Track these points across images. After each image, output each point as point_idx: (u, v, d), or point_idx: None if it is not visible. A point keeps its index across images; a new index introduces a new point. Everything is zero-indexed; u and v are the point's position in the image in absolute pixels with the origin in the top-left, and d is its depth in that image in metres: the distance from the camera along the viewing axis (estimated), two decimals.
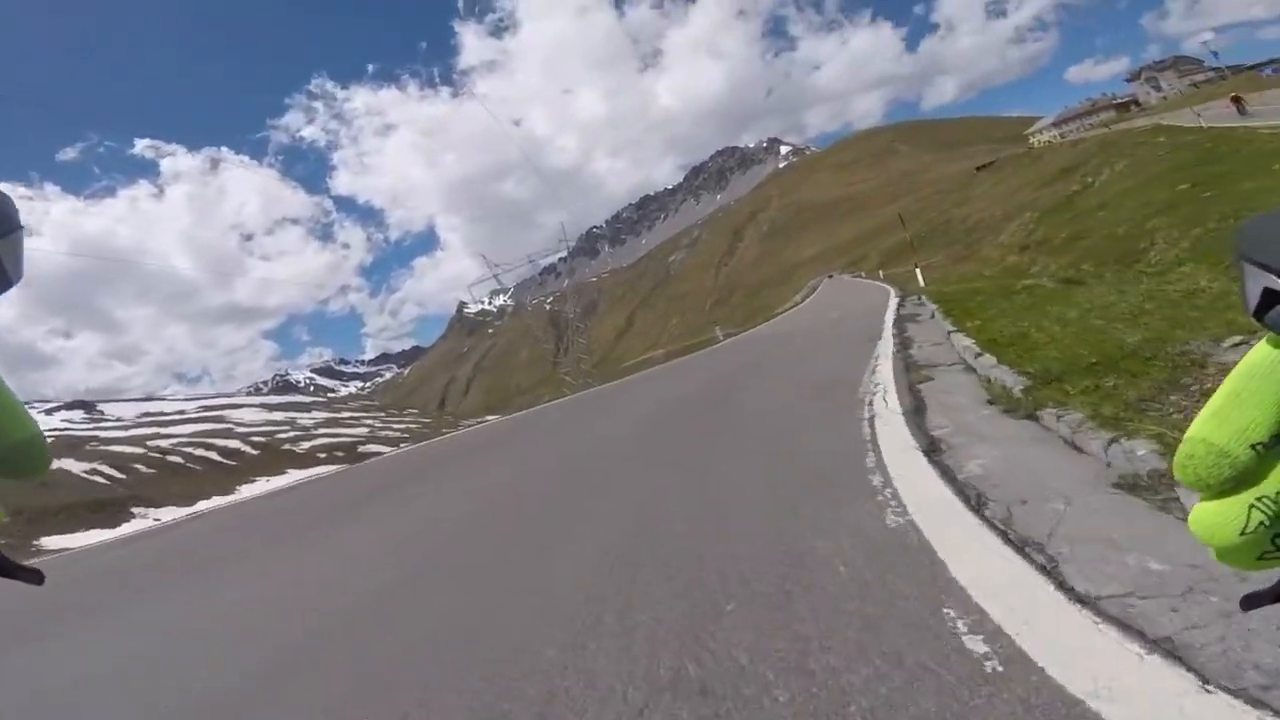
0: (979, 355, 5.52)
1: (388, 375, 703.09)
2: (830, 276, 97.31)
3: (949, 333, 7.65)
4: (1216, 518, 0.48)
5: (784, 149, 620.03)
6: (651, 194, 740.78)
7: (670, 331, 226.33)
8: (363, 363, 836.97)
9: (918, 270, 22.16)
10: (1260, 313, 0.50)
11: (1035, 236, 21.33)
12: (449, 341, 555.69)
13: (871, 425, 4.18)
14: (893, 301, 18.00)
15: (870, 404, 4.85)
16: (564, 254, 67.85)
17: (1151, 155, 22.32)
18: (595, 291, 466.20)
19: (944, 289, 15.50)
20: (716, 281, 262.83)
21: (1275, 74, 40.06)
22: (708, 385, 10.00)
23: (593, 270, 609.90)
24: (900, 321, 11.46)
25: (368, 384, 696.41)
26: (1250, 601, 0.66)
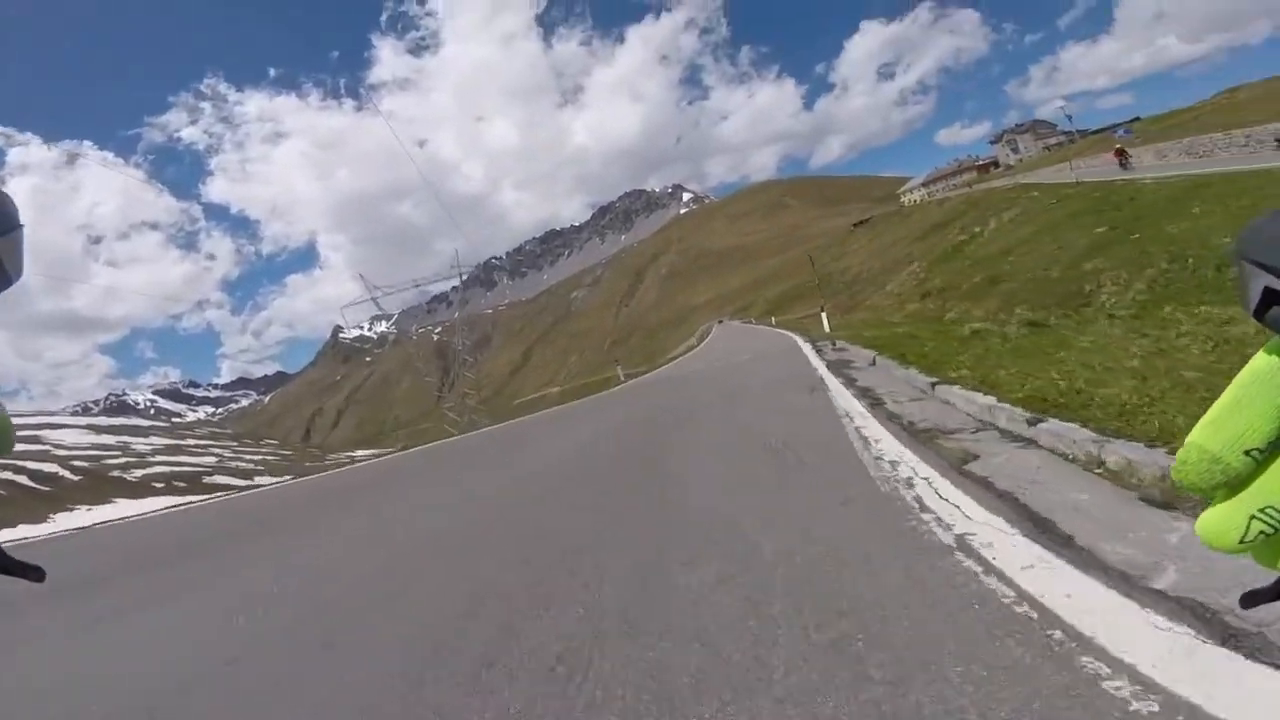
0: (1037, 423, 3.68)
1: (244, 402, 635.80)
2: (721, 321, 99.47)
3: (932, 384, 5.94)
4: (1218, 524, 0.50)
5: (686, 195, 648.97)
6: (557, 229, 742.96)
7: (569, 369, 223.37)
8: (216, 386, 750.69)
9: (824, 314, 21.54)
10: (1260, 313, 0.53)
11: (934, 284, 21.43)
12: (320, 369, 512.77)
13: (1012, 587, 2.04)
14: (804, 346, 16.92)
15: (931, 512, 2.76)
16: (457, 282, 63.52)
17: (1039, 206, 23.58)
18: (489, 324, 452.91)
19: (861, 333, 14.57)
20: (617, 321, 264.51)
21: (1128, 134, 44.54)
22: (622, 439, 7.71)
23: (488, 302, 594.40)
24: (837, 367, 9.92)
25: (220, 410, 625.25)
26: (1250, 599, 0.63)
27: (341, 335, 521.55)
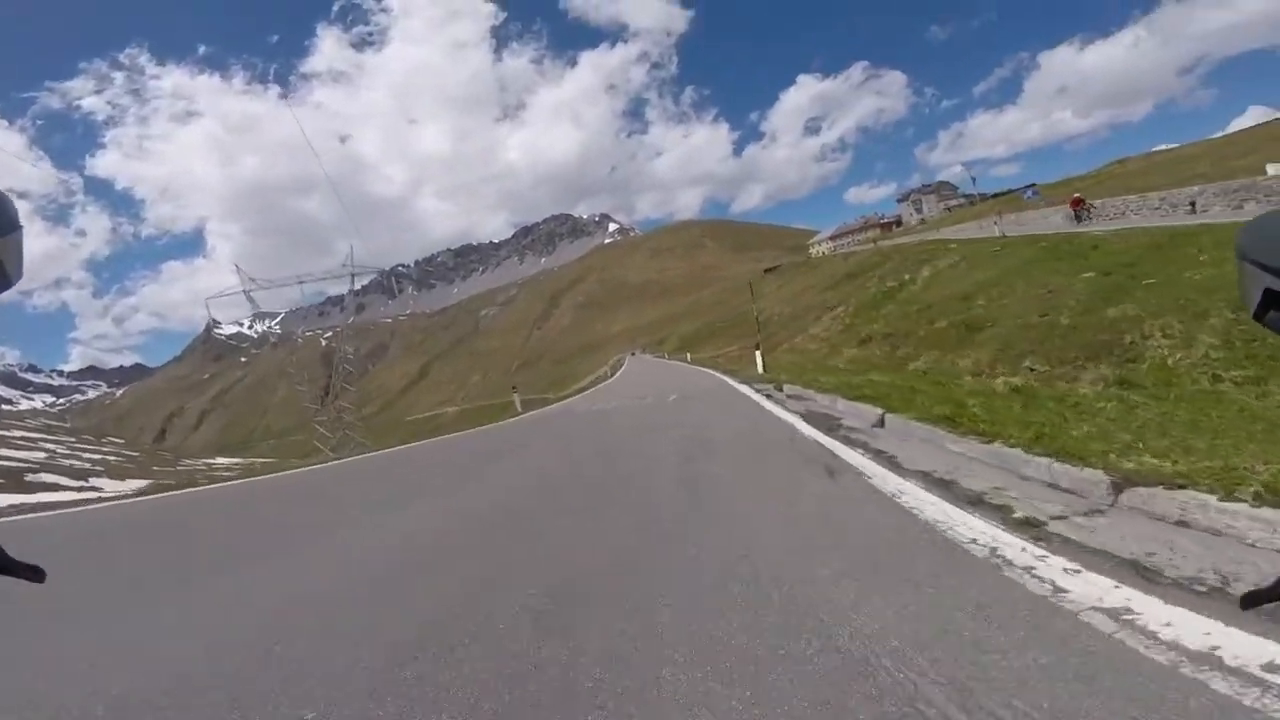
0: None
1: (92, 394, 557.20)
2: (634, 354, 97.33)
3: (1114, 486, 2.85)
4: None
5: (612, 225, 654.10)
6: (475, 244, 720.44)
7: (469, 389, 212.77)
8: (61, 374, 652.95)
9: (759, 353, 18.96)
10: (1261, 314, 0.55)
11: (873, 329, 19.55)
12: (186, 365, 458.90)
13: None
14: (741, 387, 14.04)
15: None
16: (355, 286, 56.01)
17: (981, 253, 22.59)
18: (388, 333, 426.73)
19: (804, 376, 11.92)
20: (527, 344, 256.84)
21: (1035, 196, 45.06)
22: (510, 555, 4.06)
23: (389, 311, 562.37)
24: (825, 425, 6.90)
25: (62, 400, 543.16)
26: (1250, 600, 0.65)
27: (217, 331, 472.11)
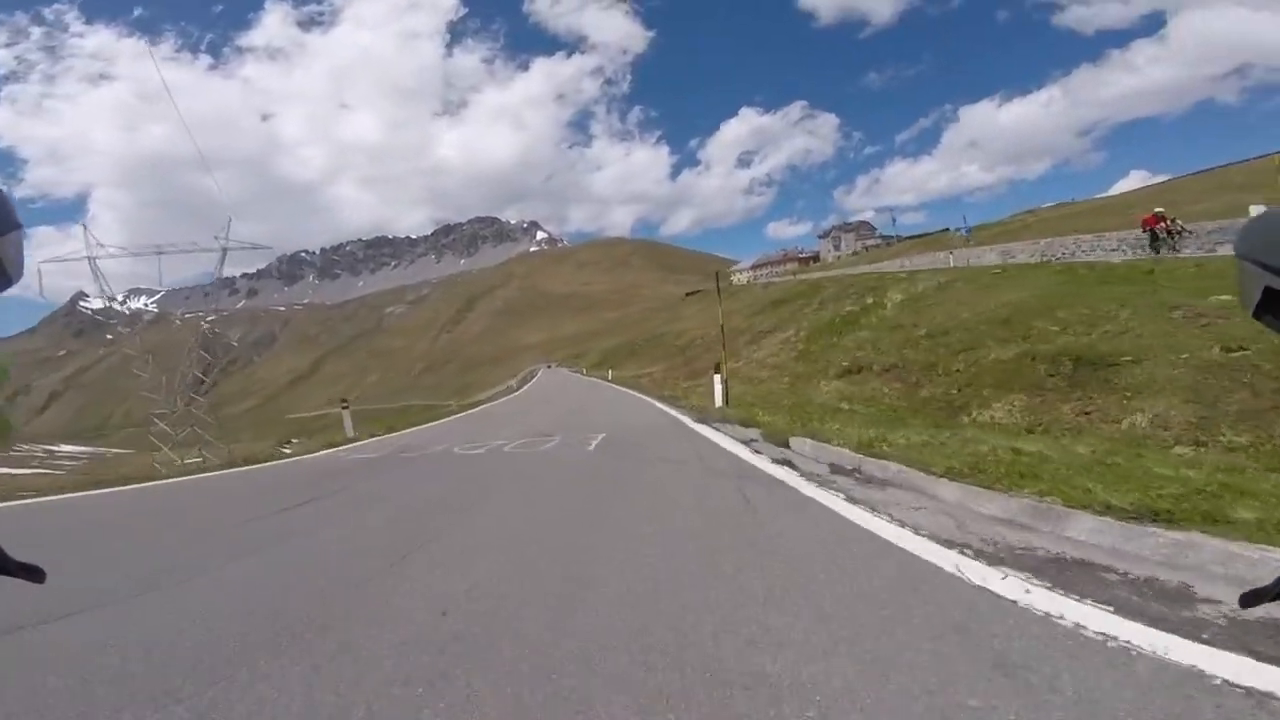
0: None
1: None
2: (549, 367, 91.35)
3: None
4: None
5: (540, 234, 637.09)
6: (390, 236, 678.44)
7: (364, 389, 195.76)
8: None
9: (717, 378, 13.58)
10: (1260, 312, 0.55)
11: (862, 357, 15.15)
12: (40, 338, 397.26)
13: None
14: (705, 431, 8.65)
15: None
16: (224, 265, 45.22)
17: (979, 275, 18.81)
18: (280, 322, 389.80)
19: (810, 423, 6.79)
20: (434, 346, 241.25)
21: (967, 233, 45.23)
22: None
23: (284, 298, 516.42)
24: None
25: None
26: (1250, 599, 0.67)
27: (82, 304, 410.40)
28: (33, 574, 0.64)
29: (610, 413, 14.66)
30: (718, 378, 13.46)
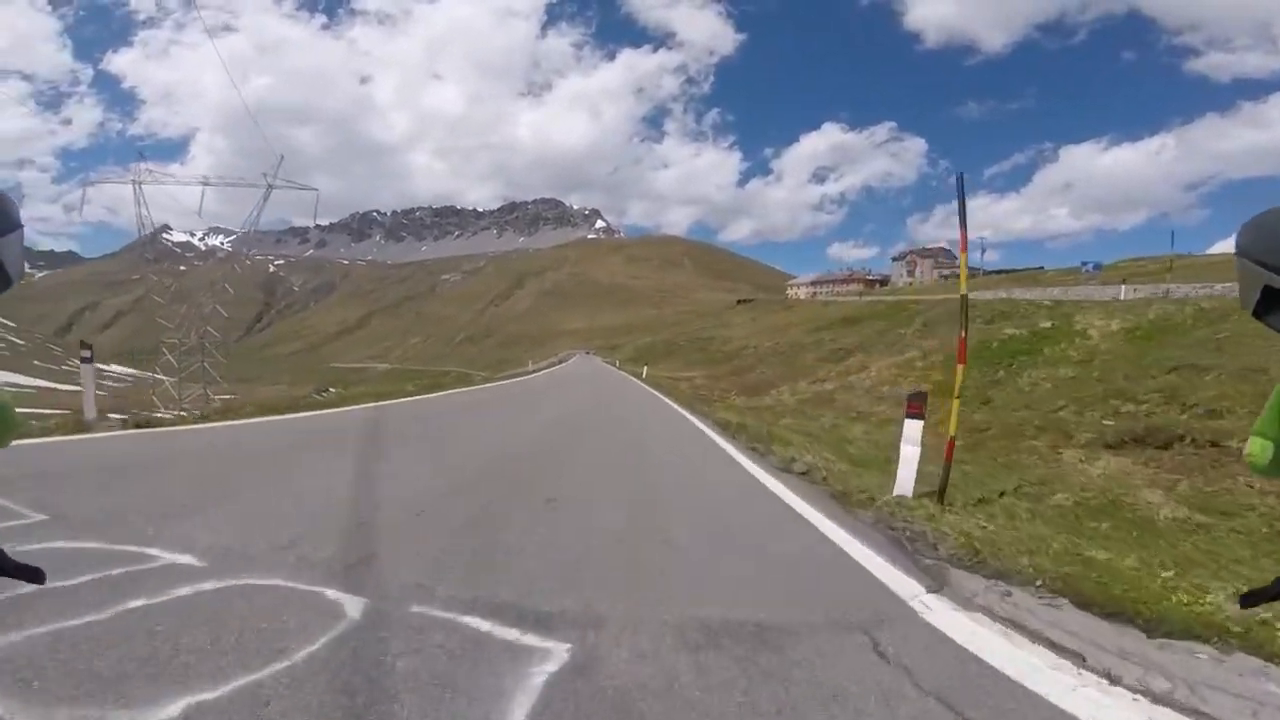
0: None
1: None
2: (587, 353, 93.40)
3: None
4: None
5: (600, 223, 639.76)
6: (458, 207, 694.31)
7: (406, 350, 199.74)
8: None
9: (913, 433, 3.33)
10: (1260, 311, 0.55)
11: (1137, 414, 11.75)
12: (121, 261, 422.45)
13: None
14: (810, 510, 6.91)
15: None
16: (266, 203, 45.38)
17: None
18: (339, 274, 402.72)
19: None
20: (479, 318, 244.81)
21: (1095, 271, 44.42)
22: None
23: (350, 253, 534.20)
24: None
25: None
26: (1249, 599, 0.70)
27: (165, 236, 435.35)
28: (32, 575, 0.63)
29: (653, 419, 12.39)
30: (913, 426, 4.55)
